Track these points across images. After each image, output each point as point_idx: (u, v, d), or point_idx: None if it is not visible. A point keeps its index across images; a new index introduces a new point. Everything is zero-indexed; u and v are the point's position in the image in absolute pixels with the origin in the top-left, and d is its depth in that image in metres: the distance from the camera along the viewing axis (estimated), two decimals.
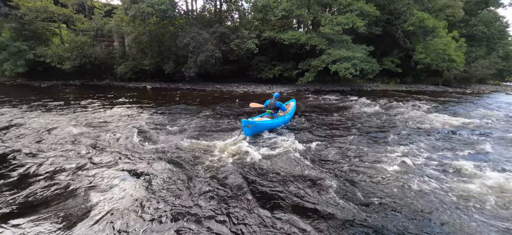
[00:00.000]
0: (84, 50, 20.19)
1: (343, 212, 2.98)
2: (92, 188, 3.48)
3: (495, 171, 4.12)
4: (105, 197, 3.25)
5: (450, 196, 3.35)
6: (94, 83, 20.33)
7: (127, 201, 3.16)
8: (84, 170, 4.00)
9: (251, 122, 6.06)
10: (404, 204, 3.16)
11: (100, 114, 8.35)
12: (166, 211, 2.96)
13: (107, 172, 3.93)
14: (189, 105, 10.63)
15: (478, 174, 3.98)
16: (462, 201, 3.24)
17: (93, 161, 4.36)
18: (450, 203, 3.19)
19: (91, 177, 3.77)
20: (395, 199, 3.27)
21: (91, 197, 3.24)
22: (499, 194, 3.42)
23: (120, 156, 4.60)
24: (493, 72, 27.51)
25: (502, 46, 28.83)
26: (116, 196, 3.27)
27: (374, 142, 5.78)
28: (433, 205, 3.15)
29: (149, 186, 3.53)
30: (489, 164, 4.44)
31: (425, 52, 20.40)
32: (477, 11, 26.95)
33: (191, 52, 17.67)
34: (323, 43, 17.99)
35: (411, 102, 12.53)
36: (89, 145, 5.14)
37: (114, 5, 24.23)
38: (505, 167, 4.37)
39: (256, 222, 2.78)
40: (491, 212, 3.02)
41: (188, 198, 3.24)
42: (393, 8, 20.44)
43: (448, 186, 3.61)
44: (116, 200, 3.18)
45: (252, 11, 22.91)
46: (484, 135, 6.47)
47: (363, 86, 21.58)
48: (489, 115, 9.52)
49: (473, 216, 2.96)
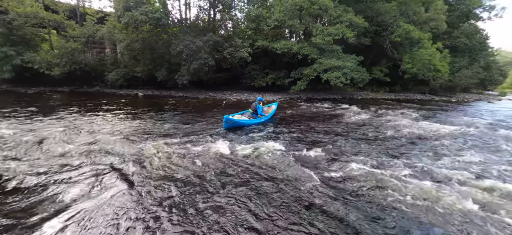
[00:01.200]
0: (74, 56, 19.91)
1: (326, 217, 3.05)
2: (74, 195, 3.42)
3: (479, 179, 4.28)
4: (88, 204, 3.20)
5: (432, 203, 3.47)
6: (84, 90, 19.98)
7: (110, 207, 3.13)
8: (68, 178, 3.93)
9: (231, 119, 7.58)
10: (388, 212, 3.25)
11: (88, 120, 8.21)
12: (150, 214, 2.95)
13: (91, 179, 3.87)
14: (181, 113, 10.60)
15: (462, 181, 4.14)
16: (442, 209, 3.37)
17: (77, 168, 4.29)
18: (432, 210, 3.31)
19: (73, 184, 3.71)
20: (380, 207, 3.37)
21: (72, 203, 3.19)
22: (483, 201, 3.57)
23: (105, 160, 4.54)
24: (475, 81, 28.84)
25: (483, 57, 30.32)
26: (102, 201, 3.23)
27: (363, 150, 5.93)
28: (416, 212, 3.27)
29: (132, 191, 3.50)
30: (473, 172, 4.62)
31: (412, 62, 21.21)
32: (459, 24, 28.37)
33: (184, 60, 17.73)
34: (315, 52, 18.46)
35: (399, 110, 12.93)
36: (76, 153, 5.05)
37: (107, 12, 24.13)
38: (489, 175, 4.57)
39: (235, 221, 2.82)
40: (476, 219, 3.15)
41: (172, 200, 3.24)
42: (380, 20, 21.30)
43: (432, 194, 3.74)
44: (100, 205, 3.14)
45: (245, 20, 23.37)
46: (469, 143, 6.75)
47: (354, 94, 22.10)
48: (473, 123, 9.94)
49: (455, 223, 3.08)
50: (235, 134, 7.00)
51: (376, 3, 21.82)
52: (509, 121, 11.15)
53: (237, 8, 25.06)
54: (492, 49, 32.84)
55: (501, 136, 7.57)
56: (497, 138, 7.32)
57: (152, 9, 17.01)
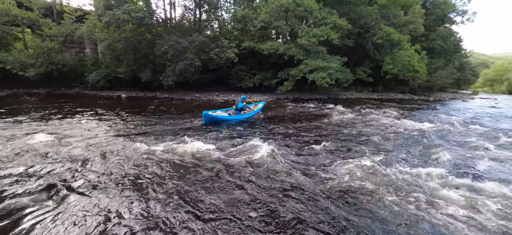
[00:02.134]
0: (51, 56, 18.85)
1: (309, 214, 3.09)
2: (28, 203, 3.24)
3: (453, 174, 4.50)
4: (47, 213, 3.04)
5: (412, 198, 3.62)
6: (62, 92, 18.98)
7: (72, 214, 2.99)
8: (44, 185, 3.71)
9: (209, 114, 8.19)
10: (371, 207, 3.36)
11: (63, 123, 7.80)
12: (130, 216, 2.85)
13: (47, 186, 3.68)
14: (165, 114, 10.35)
15: (439, 176, 4.35)
16: (424, 202, 3.53)
17: (53, 174, 4.06)
18: (413, 205, 3.45)
19: (26, 192, 3.51)
20: (362, 202, 3.47)
21: (29, 213, 3.02)
22: (459, 195, 3.77)
23: (85, 165, 4.34)
24: (451, 81, 30.69)
25: (457, 58, 32.29)
26: (64, 208, 3.08)
27: (347, 148, 6.09)
28: (398, 206, 3.40)
29: (112, 196, 3.37)
30: (449, 168, 4.88)
31: (393, 63, 22.14)
32: (435, 27, 30.00)
33: (170, 61, 17.36)
34: (301, 53, 18.75)
35: (382, 109, 13.42)
36: (55, 158, 4.78)
37: (86, 10, 23.10)
38: (463, 169, 4.84)
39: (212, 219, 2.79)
40: (453, 213, 3.31)
41: (154, 201, 3.15)
42: (363, 23, 22.07)
43: (412, 188, 3.91)
44: (63, 212, 3.00)
45: (232, 21, 23.29)
46: (445, 139, 7.14)
47: (339, 94, 22.67)
48: (449, 120, 10.52)
49: (435, 216, 3.23)
50: (219, 134, 6.93)
51: (358, 6, 22.58)
52: (481, 118, 11.92)
53: (224, 9, 24.96)
54: (465, 51, 35.04)
55: (475, 132, 8.07)
56: (471, 134, 7.79)
57: (135, 8, 16.49)
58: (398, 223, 2.97)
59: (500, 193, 3.73)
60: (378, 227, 2.89)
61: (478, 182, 4.13)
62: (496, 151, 6.01)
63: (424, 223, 2.98)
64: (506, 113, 14.83)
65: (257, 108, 10.57)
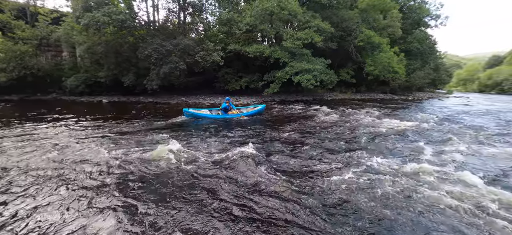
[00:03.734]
0: (24, 60, 17.81)
1: (295, 217, 3.11)
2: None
3: (437, 168, 4.71)
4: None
5: (395, 195, 3.76)
6: (37, 98, 17.95)
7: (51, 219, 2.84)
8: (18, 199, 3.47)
9: (189, 111, 9.40)
10: (356, 206, 3.43)
11: (38, 131, 7.37)
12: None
13: (41, 198, 3.48)
14: (148, 118, 10.07)
15: (422, 172, 4.55)
16: (404, 199, 3.67)
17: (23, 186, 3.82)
18: (395, 201, 3.58)
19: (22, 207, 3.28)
20: (348, 202, 3.55)
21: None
22: (439, 190, 3.96)
23: (64, 175, 4.11)
24: (427, 81, 32.43)
25: (433, 59, 34.20)
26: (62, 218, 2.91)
27: (332, 148, 6.22)
28: (381, 205, 3.51)
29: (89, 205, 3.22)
30: (429, 163, 5.11)
31: (374, 65, 23.02)
32: (412, 30, 31.63)
33: (153, 64, 16.95)
34: (286, 56, 19.03)
35: (365, 109, 13.87)
36: (27, 170, 4.49)
37: (63, 12, 22.06)
38: (443, 164, 5.08)
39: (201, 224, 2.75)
40: (437, 210, 3.46)
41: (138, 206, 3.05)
42: (345, 26, 22.81)
43: (395, 185, 4.06)
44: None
45: (217, 24, 23.18)
46: (424, 136, 7.49)
47: (324, 95, 23.19)
48: (428, 118, 11.06)
49: (417, 213, 3.37)
50: (201, 137, 6.83)
51: (340, 10, 23.32)
52: (456, 116, 12.65)
53: (208, 12, 24.80)
54: (439, 52, 37.18)
55: (451, 130, 8.53)
56: (448, 131, 8.24)
57: (115, 10, 15.98)
58: (379, 220, 3.06)
59: (476, 183, 3.95)
60: (357, 226, 2.96)
61: (458, 175, 4.33)
62: (473, 146, 6.37)
63: (406, 220, 3.09)
64: (477, 110, 15.85)
65: (252, 110, 10.78)
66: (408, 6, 32.36)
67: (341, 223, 2.96)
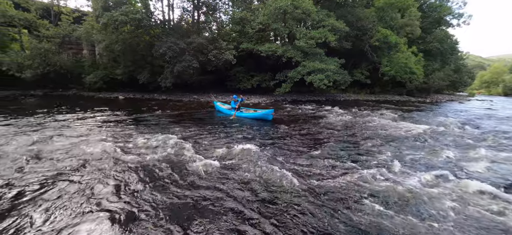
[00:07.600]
0: (48, 57, 18.74)
1: (302, 217, 3.10)
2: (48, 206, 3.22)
3: (454, 176, 4.51)
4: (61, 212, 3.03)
5: (411, 199, 3.65)
6: (59, 93, 18.87)
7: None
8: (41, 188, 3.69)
9: (218, 105, 11.85)
10: (369, 209, 3.38)
11: (65, 125, 7.76)
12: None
13: (69, 187, 3.67)
14: (164, 116, 10.33)
15: (438, 178, 4.38)
16: (422, 204, 3.55)
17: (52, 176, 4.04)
18: (411, 206, 3.48)
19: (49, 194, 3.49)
20: (361, 205, 3.49)
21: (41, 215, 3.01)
22: (458, 197, 3.80)
23: (87, 168, 4.32)
24: (447, 83, 30.94)
25: (453, 60, 32.62)
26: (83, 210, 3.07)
27: (345, 151, 6.12)
28: (398, 209, 3.43)
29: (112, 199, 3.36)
30: (448, 169, 4.90)
31: (390, 65, 22.31)
32: (431, 29, 30.30)
33: (168, 62, 17.34)
34: (299, 55, 18.83)
35: (379, 111, 13.49)
36: (54, 161, 4.75)
37: (84, 12, 23.05)
38: (462, 171, 4.87)
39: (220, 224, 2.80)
40: (453, 215, 3.34)
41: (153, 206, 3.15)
42: (360, 25, 22.20)
43: (413, 190, 3.94)
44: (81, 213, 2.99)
45: (230, 23, 23.35)
46: (443, 141, 7.18)
47: (337, 96, 22.76)
48: (447, 122, 10.58)
49: (434, 218, 3.26)
50: (213, 134, 6.92)
51: (356, 9, 22.75)
52: (477, 121, 12.01)
53: (222, 11, 25.02)
54: (461, 53, 35.39)
55: (471, 135, 8.11)
56: (468, 137, 7.84)
57: (133, 9, 16.49)
58: (395, 225, 2.98)
59: (497, 194, 3.76)
60: (374, 229, 2.90)
61: (472, 182, 4.14)
62: (495, 153, 6.04)
63: (423, 226, 3.00)
64: (502, 114, 14.96)
65: (257, 112, 10.36)
66: (428, 4, 31.05)
67: (348, 227, 2.91)
